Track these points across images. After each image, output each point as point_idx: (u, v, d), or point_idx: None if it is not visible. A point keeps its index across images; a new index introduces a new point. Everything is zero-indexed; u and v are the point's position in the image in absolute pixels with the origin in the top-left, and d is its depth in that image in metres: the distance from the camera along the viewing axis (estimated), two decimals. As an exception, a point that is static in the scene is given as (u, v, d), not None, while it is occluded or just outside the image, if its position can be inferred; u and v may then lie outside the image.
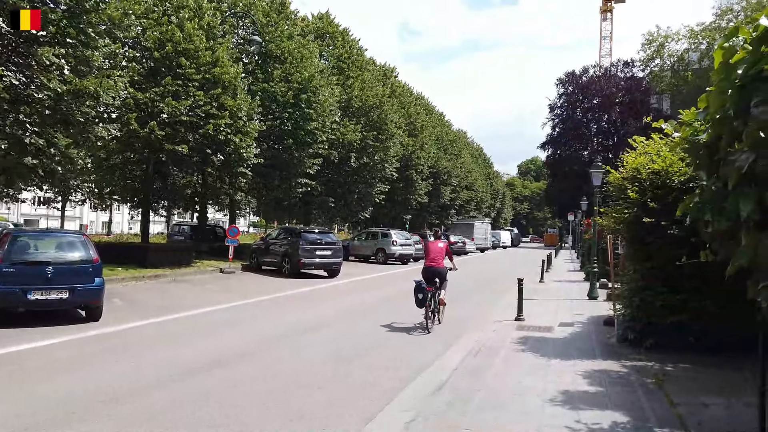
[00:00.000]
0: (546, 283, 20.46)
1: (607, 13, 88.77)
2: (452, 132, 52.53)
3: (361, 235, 31.35)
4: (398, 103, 37.25)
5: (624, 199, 8.62)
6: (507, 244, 65.92)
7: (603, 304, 14.23)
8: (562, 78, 64.31)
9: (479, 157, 72.72)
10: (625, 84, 62.33)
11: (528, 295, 16.08)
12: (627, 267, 9.26)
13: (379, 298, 15.19)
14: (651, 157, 8.58)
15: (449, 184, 45.98)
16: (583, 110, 64.42)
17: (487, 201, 67.77)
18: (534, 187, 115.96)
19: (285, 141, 22.18)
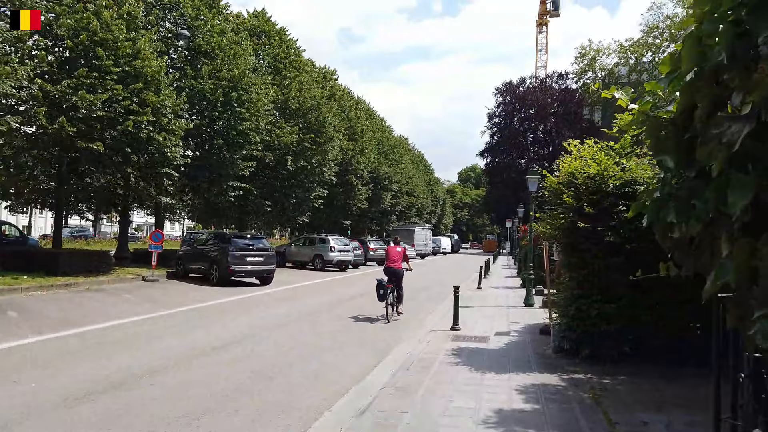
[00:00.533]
0: (484, 289, 20.28)
1: (542, 26, 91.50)
2: (393, 137, 52.29)
3: (298, 241, 30.37)
4: (338, 106, 36.57)
5: (560, 204, 8.31)
6: (447, 250, 66.36)
7: (539, 312, 14.05)
8: (500, 88, 65.97)
9: (420, 163, 72.96)
10: (560, 95, 64.56)
11: (465, 302, 15.79)
12: (563, 274, 8.97)
13: (312, 307, 14.42)
14: (586, 161, 8.32)
15: (390, 190, 45.63)
16: (520, 119, 66.28)
17: (428, 207, 68.03)
18: (474, 194, 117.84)
19: (215, 141, 21.02)
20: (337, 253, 27.72)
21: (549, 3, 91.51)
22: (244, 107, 21.31)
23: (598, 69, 70.28)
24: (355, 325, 11.72)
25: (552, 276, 11.54)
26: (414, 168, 63.10)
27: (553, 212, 8.44)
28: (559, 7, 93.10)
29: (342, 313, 13.45)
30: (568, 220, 7.98)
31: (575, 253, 8.04)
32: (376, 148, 41.80)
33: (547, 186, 8.80)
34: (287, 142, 26.13)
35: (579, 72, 70.62)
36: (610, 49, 69.05)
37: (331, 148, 30.03)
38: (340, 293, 17.89)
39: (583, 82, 69.26)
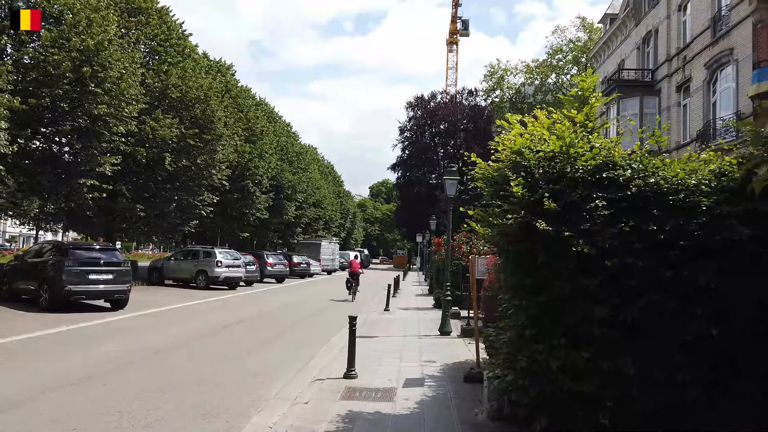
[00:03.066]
0: (392, 312, 17.36)
1: (452, 45, 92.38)
2: (299, 144, 48.82)
3: (178, 255, 26.01)
4: (234, 104, 32.72)
5: (503, 198, 5.47)
6: (356, 266, 63.43)
7: (458, 343, 11.27)
8: (412, 102, 65.06)
9: (330, 174, 69.88)
10: (470, 112, 64.52)
11: (369, 330, 12.73)
12: (504, 301, 6.12)
13: (170, 342, 10.70)
14: (542, 135, 5.58)
15: (294, 200, 42.03)
16: (431, 134, 65.56)
17: (336, 220, 64.91)
18: (385, 209, 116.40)
19: (61, 127, 16.67)
20: (224, 268, 23.77)
21: (459, 23, 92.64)
22: (101, 87, 17.14)
23: (506, 88, 71.51)
24: (206, 373, 8.26)
25: (480, 300, 8.80)
26: (323, 179, 59.90)
27: (493, 210, 5.57)
28: (468, 27, 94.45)
29: (201, 351, 9.90)
30: (518, 221, 5.13)
31: (528, 270, 5.21)
32: (279, 153, 38.16)
33: (482, 174, 5.95)
34: (164, 136, 22.02)
35: (488, 90, 71.41)
36: (518, 69, 70.40)
37: (222, 148, 26.13)
38: (214, 321, 14.22)
39: (491, 100, 70.07)
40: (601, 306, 4.94)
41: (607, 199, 4.97)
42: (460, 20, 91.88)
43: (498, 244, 5.62)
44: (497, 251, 5.97)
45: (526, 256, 5.16)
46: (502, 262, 5.80)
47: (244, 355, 9.65)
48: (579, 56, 64.93)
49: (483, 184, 5.89)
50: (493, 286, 7.51)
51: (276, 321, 14.82)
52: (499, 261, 6.15)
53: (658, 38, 26.44)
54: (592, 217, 4.96)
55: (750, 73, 18.63)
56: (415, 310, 18.59)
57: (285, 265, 32.37)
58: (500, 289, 5.89)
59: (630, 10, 29.53)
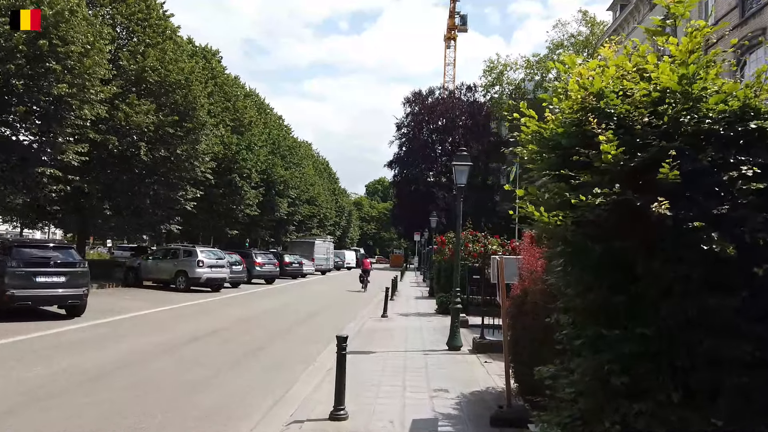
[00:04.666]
0: (390, 318, 15.39)
1: (450, 41, 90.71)
2: (292, 138, 46.73)
3: (156, 254, 23.97)
4: (221, 92, 30.68)
5: (580, 167, 3.45)
6: (352, 265, 61.58)
7: (472, 361, 9.30)
8: (409, 97, 63.43)
9: (325, 171, 67.83)
10: (468, 108, 62.90)
11: (363, 344, 10.69)
12: (566, 326, 4.14)
13: (117, 362, 8.67)
14: (638, 67, 3.61)
15: (286, 196, 39.97)
16: (429, 131, 63.90)
17: (331, 218, 62.83)
18: (381, 208, 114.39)
19: (13, 108, 14.63)
20: (206, 269, 21.72)
21: (457, 18, 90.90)
22: (61, 63, 15.10)
23: (506, 83, 69.66)
24: (143, 413, 6.25)
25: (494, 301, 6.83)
26: (317, 175, 57.89)
27: (559, 187, 3.57)
28: (467, 23, 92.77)
29: (152, 375, 7.90)
30: (610, 202, 3.14)
31: (619, 281, 3.24)
32: (269, 146, 36.10)
33: (536, 132, 3.96)
34: (140, 123, 19.97)
35: (487, 85, 69.53)
36: (518, 64, 68.55)
37: (205, 138, 24.08)
38: (183, 332, 12.22)
39: (491, 96, 68.24)
40: (740, 341, 3.01)
41: (758, 166, 3.01)
42: (459, 15, 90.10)
43: (558, 239, 3.64)
44: (553, 250, 3.99)
45: (615, 258, 3.19)
46: (565, 266, 3.81)
47: (205, 382, 7.64)
48: (581, 51, 63.19)
49: (537, 146, 3.89)
50: (533, 298, 5.55)
51: (256, 331, 12.83)
52: (552, 263, 4.16)
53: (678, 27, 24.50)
54: (732, 196, 3.00)
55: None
56: (416, 316, 16.62)
57: (275, 265, 30.36)
58: (562, 309, 3.91)
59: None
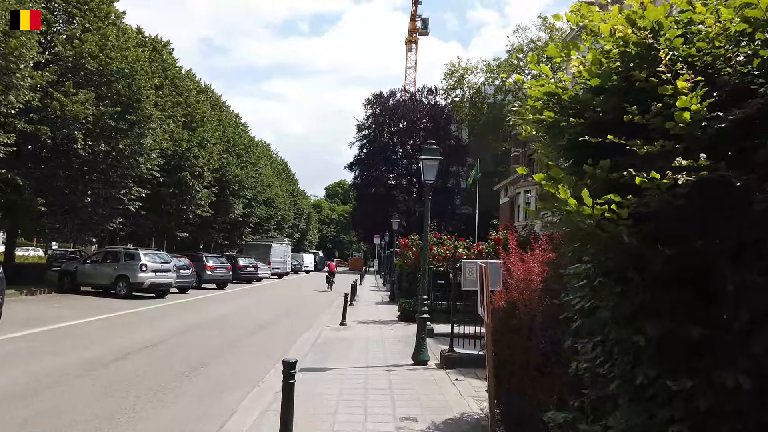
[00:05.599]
0: (349, 327, 14.24)
1: (412, 44, 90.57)
2: (249, 136, 44.93)
3: (96, 256, 22.06)
4: (172, 86, 28.89)
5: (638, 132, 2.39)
6: (310, 268, 60.07)
7: (441, 379, 8.25)
8: (371, 99, 62.77)
9: (283, 171, 66.01)
10: (430, 110, 62.71)
11: (319, 358, 9.33)
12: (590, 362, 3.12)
13: (28, 383, 7.23)
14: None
15: (242, 197, 38.26)
16: (390, 133, 63.39)
17: (290, 220, 61.07)
18: (341, 210, 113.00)
19: None
20: (150, 273, 20.03)
21: (419, 21, 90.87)
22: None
23: (466, 87, 69.72)
24: None
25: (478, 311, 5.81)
26: (275, 176, 56.14)
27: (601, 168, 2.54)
28: (428, 26, 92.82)
29: (40, 412, 6.52)
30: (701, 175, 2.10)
31: (691, 304, 2.23)
32: (224, 144, 34.38)
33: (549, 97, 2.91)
34: (77, 114, 18.20)
35: (448, 89, 69.51)
36: (478, 68, 68.76)
37: (151, 132, 22.36)
38: (109, 348, 10.75)
39: (452, 99, 68.19)
40: None
41: None
42: (420, 19, 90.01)
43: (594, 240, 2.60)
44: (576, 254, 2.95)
45: (688, 268, 2.16)
46: (604, 280, 2.74)
47: (120, 413, 6.32)
48: (540, 56, 63.65)
49: (553, 114, 2.85)
50: (525, 312, 4.51)
51: (199, 343, 11.47)
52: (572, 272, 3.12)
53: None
54: None
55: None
56: (377, 324, 15.52)
57: (228, 269, 28.73)
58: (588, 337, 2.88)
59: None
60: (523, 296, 4.53)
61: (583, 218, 2.15)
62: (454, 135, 65.70)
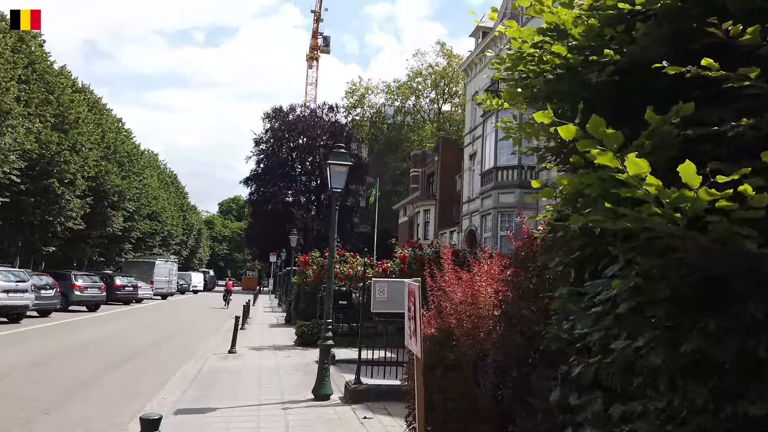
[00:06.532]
0: (240, 355, 12.66)
1: (313, 60, 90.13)
2: (132, 143, 41.26)
3: (-70, 274, 18.43)
4: (42, 81, 25.54)
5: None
6: (199, 288, 56.31)
7: (347, 417, 7.09)
8: (269, 113, 60.83)
9: (172, 184, 61.82)
10: (330, 128, 62.14)
11: (201, 394, 7.65)
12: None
13: None
14: None
15: (122, 209, 34.78)
16: (289, 148, 61.93)
17: (177, 236, 57.00)
18: (235, 227, 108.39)
19: None
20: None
21: (320, 38, 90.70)
22: None
23: (367, 106, 70.32)
24: None
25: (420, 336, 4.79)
26: (163, 188, 52.26)
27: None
28: (329, 44, 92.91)
29: None
30: None
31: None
32: (103, 150, 31.06)
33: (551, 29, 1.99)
34: None
35: (349, 107, 69.71)
36: (379, 88, 69.74)
37: (10, 131, 19.31)
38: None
39: (352, 118, 68.35)
40: None
41: None
42: (321, 36, 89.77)
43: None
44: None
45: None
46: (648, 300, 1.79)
47: None
48: (438, 80, 65.66)
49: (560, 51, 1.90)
50: (468, 344, 3.54)
51: (47, 382, 9.39)
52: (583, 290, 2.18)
53: (538, 50, 25.17)
54: None
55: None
56: (272, 349, 14.04)
57: (101, 289, 25.56)
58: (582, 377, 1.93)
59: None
60: (466, 324, 3.56)
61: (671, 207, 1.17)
62: (354, 153, 65.54)
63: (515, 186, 23.84)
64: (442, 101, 67.09)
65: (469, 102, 34.83)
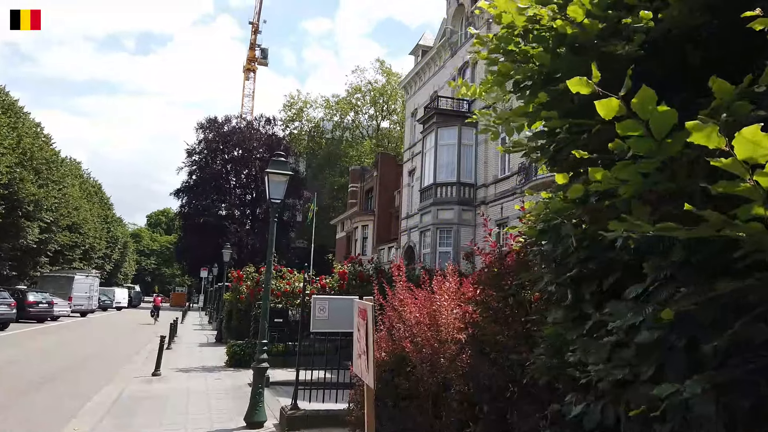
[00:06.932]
0: (165, 378, 11.72)
1: (250, 72, 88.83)
2: (52, 150, 38.61)
3: None
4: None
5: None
6: (123, 305, 53.13)
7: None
8: (203, 123, 58.87)
9: (96, 195, 58.42)
10: (267, 140, 60.87)
11: (120, 425, 7.09)
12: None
13: None
14: None
15: (38, 219, 32.30)
16: (223, 160, 60.09)
17: (100, 249, 53.76)
18: (164, 241, 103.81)
19: None
20: None
21: (258, 50, 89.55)
22: None
23: (305, 120, 69.72)
24: None
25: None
26: (85, 198, 49.23)
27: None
28: (267, 56, 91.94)
29: None
30: None
31: None
32: (17, 156, 28.78)
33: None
34: None
35: (287, 120, 68.91)
36: (318, 103, 69.42)
37: None
38: None
39: (290, 131, 67.49)
40: None
41: None
42: (259, 48, 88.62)
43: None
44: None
45: None
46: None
47: None
48: (377, 97, 66.07)
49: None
50: (425, 370, 3.15)
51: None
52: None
53: (476, 69, 25.65)
54: None
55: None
56: (201, 371, 13.13)
57: (11, 306, 23.44)
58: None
59: (446, 41, 28.73)
60: (424, 349, 3.17)
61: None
62: (292, 167, 64.54)
63: (454, 203, 23.96)
64: (381, 118, 67.36)
65: (408, 118, 35.00)
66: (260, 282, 14.29)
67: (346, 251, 44.02)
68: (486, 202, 23.29)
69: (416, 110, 32.58)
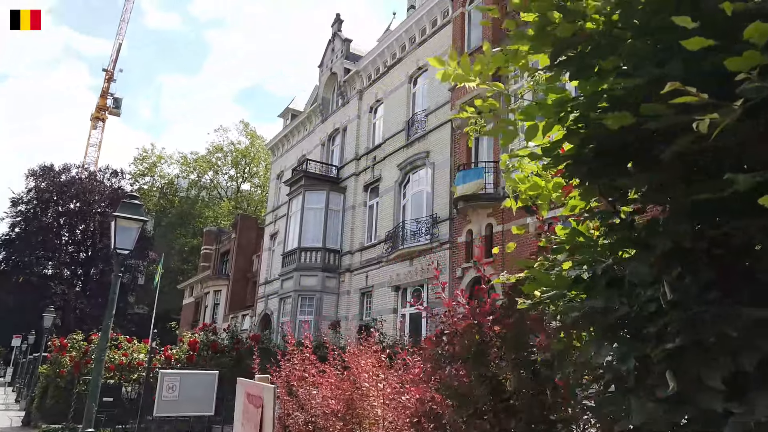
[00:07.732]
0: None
1: (99, 121, 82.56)
2: None
3: None
4: None
5: None
6: None
7: None
8: (36, 170, 52.46)
9: None
10: (111, 194, 55.58)
11: None
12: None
13: None
14: None
15: None
16: (56, 213, 53.47)
17: None
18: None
19: None
20: None
21: (110, 99, 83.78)
22: None
23: (158, 176, 65.38)
24: None
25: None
26: None
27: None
28: (120, 106, 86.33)
29: None
30: None
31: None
32: None
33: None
34: None
35: (137, 174, 64.21)
36: (173, 158, 65.81)
37: None
38: None
39: (140, 186, 62.74)
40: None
41: None
42: (113, 97, 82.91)
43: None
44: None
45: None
46: None
47: None
48: (239, 158, 64.32)
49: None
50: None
51: None
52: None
53: (346, 136, 25.82)
54: None
55: (446, 176, 18.50)
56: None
57: None
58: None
59: (318, 106, 28.80)
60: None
61: None
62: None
63: (318, 269, 23.06)
64: (242, 180, 65.30)
65: (273, 180, 34.01)
66: (89, 352, 12.01)
67: (193, 318, 40.47)
68: (351, 269, 22.75)
69: (282, 172, 31.82)
